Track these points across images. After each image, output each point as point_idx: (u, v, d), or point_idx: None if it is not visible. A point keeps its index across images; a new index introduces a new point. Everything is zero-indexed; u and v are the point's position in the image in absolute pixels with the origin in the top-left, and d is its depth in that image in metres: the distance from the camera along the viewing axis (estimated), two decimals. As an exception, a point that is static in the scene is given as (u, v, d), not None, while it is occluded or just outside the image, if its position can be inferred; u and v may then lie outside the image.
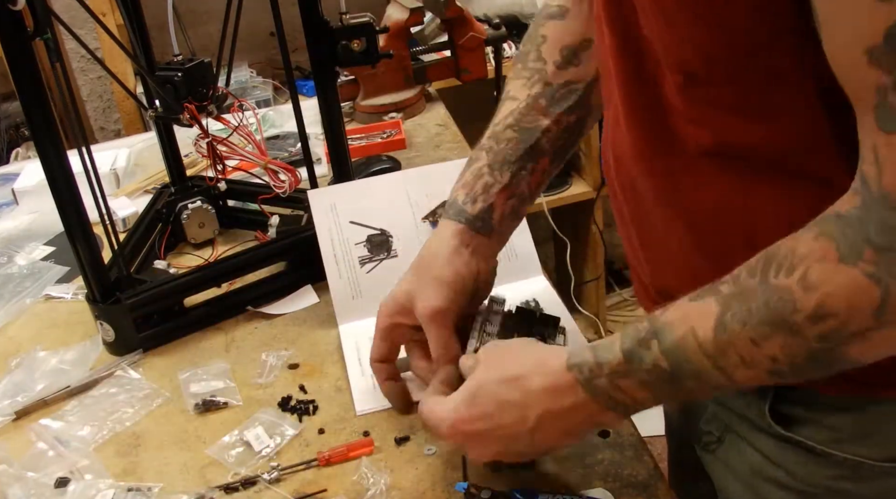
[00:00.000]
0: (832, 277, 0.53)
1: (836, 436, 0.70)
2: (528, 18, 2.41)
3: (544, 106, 0.86)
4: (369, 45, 1.12)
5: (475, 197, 0.85)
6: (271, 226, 1.21)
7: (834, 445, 0.70)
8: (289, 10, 1.04)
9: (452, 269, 0.82)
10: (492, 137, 0.87)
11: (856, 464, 0.69)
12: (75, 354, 1.06)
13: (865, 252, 0.51)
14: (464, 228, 0.84)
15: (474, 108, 1.92)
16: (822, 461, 0.71)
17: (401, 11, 1.63)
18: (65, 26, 0.97)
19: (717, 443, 0.82)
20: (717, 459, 0.82)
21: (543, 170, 0.87)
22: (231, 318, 1.11)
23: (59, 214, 0.99)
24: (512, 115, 0.87)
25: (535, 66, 0.87)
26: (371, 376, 0.93)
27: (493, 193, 0.85)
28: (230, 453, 0.88)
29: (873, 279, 0.51)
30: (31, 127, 0.94)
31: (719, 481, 0.83)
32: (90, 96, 2.56)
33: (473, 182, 0.86)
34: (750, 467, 0.77)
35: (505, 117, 0.88)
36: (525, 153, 0.86)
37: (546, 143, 0.86)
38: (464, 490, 0.77)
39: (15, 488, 0.87)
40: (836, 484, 0.71)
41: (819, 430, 0.71)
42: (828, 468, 0.71)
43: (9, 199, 1.52)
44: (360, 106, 1.67)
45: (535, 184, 0.87)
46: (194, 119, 1.07)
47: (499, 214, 0.85)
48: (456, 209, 0.85)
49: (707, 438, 0.83)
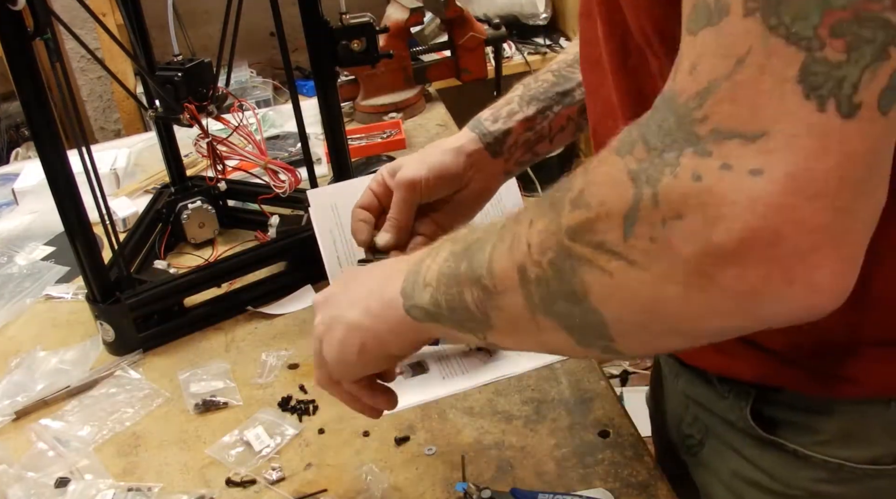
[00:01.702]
0: (600, 166, 0.48)
1: (816, 438, 0.69)
2: (528, 18, 2.42)
3: None
4: (369, 45, 1.12)
5: (496, 117, 0.89)
6: (271, 226, 1.21)
7: (815, 447, 0.69)
8: (289, 10, 1.04)
9: (441, 158, 0.86)
10: (533, 76, 0.92)
11: (836, 466, 0.69)
12: (75, 354, 1.06)
13: (637, 148, 0.45)
14: (475, 137, 0.88)
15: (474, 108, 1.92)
16: (802, 464, 0.70)
17: (401, 11, 1.63)
18: (65, 26, 0.97)
19: (699, 446, 0.82)
20: (700, 462, 0.82)
21: (569, 116, 0.89)
22: (231, 318, 1.11)
23: (59, 214, 0.99)
24: (556, 64, 0.91)
25: None
26: None
27: (514, 119, 0.88)
28: (230, 453, 0.89)
29: (631, 177, 0.44)
30: (31, 127, 0.94)
31: (702, 485, 0.83)
32: (90, 96, 2.56)
33: (501, 106, 0.90)
34: (731, 469, 0.77)
35: (550, 65, 0.92)
36: (555, 95, 0.89)
37: (578, 93, 0.89)
38: (464, 490, 0.77)
39: (15, 488, 0.87)
40: (817, 487, 0.71)
41: (800, 432, 0.70)
42: (809, 471, 0.70)
43: (9, 199, 1.52)
44: (360, 106, 1.67)
45: (557, 127, 0.90)
46: (194, 119, 1.07)
47: (512, 139, 0.88)
48: (476, 123, 0.90)
49: (689, 441, 0.83)
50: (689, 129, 0.42)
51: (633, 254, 0.45)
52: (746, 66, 0.40)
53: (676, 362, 0.81)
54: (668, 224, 0.42)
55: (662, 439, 0.95)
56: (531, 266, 0.51)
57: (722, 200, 0.40)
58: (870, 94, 0.39)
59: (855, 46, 0.39)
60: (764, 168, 0.40)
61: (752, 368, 0.70)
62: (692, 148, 0.42)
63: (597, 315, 0.49)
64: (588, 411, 0.88)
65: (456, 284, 0.58)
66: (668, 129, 0.43)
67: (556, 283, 0.50)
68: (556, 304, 0.51)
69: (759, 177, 0.40)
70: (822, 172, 0.39)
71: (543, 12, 2.40)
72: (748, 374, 0.71)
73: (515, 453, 0.84)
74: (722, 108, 0.41)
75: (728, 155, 0.40)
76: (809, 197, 0.39)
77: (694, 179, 0.41)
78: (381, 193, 0.89)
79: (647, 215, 0.43)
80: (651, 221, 0.43)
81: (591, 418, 0.87)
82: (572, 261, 0.48)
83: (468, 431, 0.87)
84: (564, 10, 2.41)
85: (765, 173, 0.40)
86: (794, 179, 0.39)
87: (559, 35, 2.42)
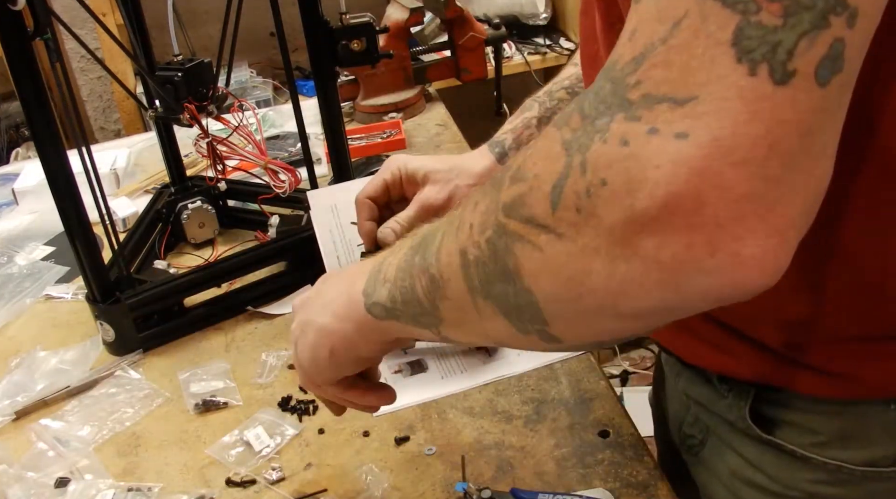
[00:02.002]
0: (539, 140, 0.46)
1: (815, 439, 0.69)
2: (528, 18, 2.41)
3: None
4: (369, 45, 1.12)
5: (519, 143, 0.89)
6: (271, 226, 1.21)
7: (813, 448, 0.69)
8: (289, 10, 1.04)
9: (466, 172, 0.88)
10: (546, 93, 0.92)
11: (835, 468, 0.69)
12: (75, 354, 1.06)
13: (573, 118, 0.44)
14: (498, 163, 0.90)
15: (474, 108, 1.92)
16: (801, 465, 0.70)
17: (401, 11, 1.63)
18: (65, 26, 0.97)
19: (699, 446, 0.82)
20: (700, 462, 0.82)
21: None
22: (231, 318, 1.11)
23: (59, 214, 0.99)
24: (569, 79, 0.91)
25: None
26: (384, 377, 0.94)
27: None
28: (230, 453, 0.89)
29: (564, 147, 0.43)
30: (31, 127, 0.94)
31: (703, 485, 0.83)
32: (90, 96, 2.56)
33: (521, 130, 0.90)
34: (730, 470, 0.77)
35: (563, 79, 0.92)
36: None
37: None
38: (464, 490, 0.77)
39: (15, 488, 0.87)
40: (815, 488, 0.71)
41: (799, 433, 0.70)
42: (807, 472, 0.70)
43: (9, 199, 1.52)
44: (360, 106, 1.67)
45: None
46: (194, 119, 1.07)
47: None
48: (501, 150, 0.90)
49: (690, 441, 0.83)
50: (623, 94, 0.41)
51: (560, 226, 0.43)
52: (682, 29, 0.39)
53: (677, 362, 0.81)
54: (592, 192, 0.41)
55: (664, 439, 0.95)
56: (471, 247, 0.49)
57: (646, 163, 0.39)
58: (806, 62, 0.38)
59: (792, 12, 0.37)
60: (690, 132, 0.38)
61: (752, 367, 0.70)
62: (623, 113, 0.40)
63: (529, 295, 0.47)
64: (588, 411, 0.88)
65: (409, 276, 0.56)
66: (603, 96, 0.42)
67: (492, 263, 0.48)
68: (493, 286, 0.49)
69: (685, 140, 0.38)
70: (749, 137, 0.38)
71: (543, 12, 2.40)
72: (748, 373, 0.71)
73: (515, 453, 0.84)
74: (655, 73, 0.40)
75: (656, 119, 0.39)
76: (735, 163, 0.38)
77: (621, 144, 0.40)
78: (393, 188, 0.90)
79: (573, 184, 0.42)
80: (577, 189, 0.41)
81: (591, 418, 0.87)
82: (506, 238, 0.46)
83: (468, 431, 0.87)
84: (564, 10, 2.41)
85: (690, 137, 0.38)
86: (720, 144, 0.38)
87: (559, 35, 2.42)
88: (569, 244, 0.43)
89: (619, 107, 0.41)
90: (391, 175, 0.89)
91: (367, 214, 0.91)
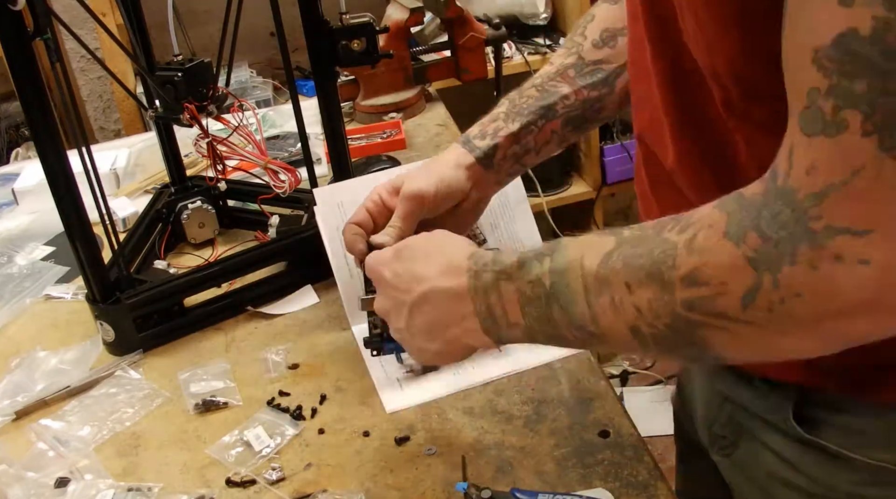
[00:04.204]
0: (714, 248, 0.54)
1: (861, 440, 0.69)
2: (528, 18, 2.41)
3: (571, 76, 0.92)
4: (369, 45, 1.12)
5: (485, 134, 0.93)
6: (271, 226, 1.21)
7: (858, 449, 0.69)
8: (289, 10, 1.04)
9: (448, 174, 0.91)
10: (518, 91, 0.95)
11: (879, 469, 0.68)
12: (75, 354, 1.06)
13: (750, 236, 0.52)
14: (466, 152, 0.93)
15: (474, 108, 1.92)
16: (843, 466, 0.70)
17: (401, 11, 1.63)
18: (65, 26, 0.97)
19: (731, 447, 0.81)
20: (733, 463, 0.82)
21: (552, 130, 0.93)
22: (231, 318, 1.11)
23: (59, 214, 0.99)
24: (540, 77, 0.95)
25: (576, 41, 0.95)
26: (396, 377, 0.95)
27: (500, 135, 0.92)
28: (230, 453, 0.89)
29: (751, 264, 0.52)
30: (31, 127, 0.94)
31: (735, 486, 0.83)
32: (90, 96, 2.56)
33: (488, 123, 0.94)
34: (767, 470, 0.76)
35: (535, 78, 0.95)
36: (539, 109, 0.92)
37: (560, 107, 0.92)
38: (464, 490, 0.77)
39: (15, 488, 0.87)
40: (858, 489, 0.70)
41: (843, 434, 0.70)
42: (850, 473, 0.70)
43: (9, 199, 1.52)
44: (360, 106, 1.67)
45: (542, 140, 0.93)
46: (194, 119, 1.08)
47: (501, 154, 0.93)
48: (465, 138, 0.95)
49: (722, 442, 0.82)
50: (806, 225, 0.50)
51: (751, 318, 0.53)
52: (861, 177, 0.48)
53: None
54: (787, 300, 0.52)
55: (687, 439, 0.95)
56: (645, 327, 0.58)
57: (837, 284, 0.50)
58: None
59: None
60: (870, 259, 0.49)
61: (797, 370, 0.70)
62: (808, 241, 0.50)
63: (716, 357, 0.58)
64: (588, 411, 0.88)
65: (552, 327, 0.65)
66: (784, 221, 0.51)
67: (674, 338, 0.58)
68: (674, 350, 0.60)
69: (866, 266, 0.49)
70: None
71: (543, 12, 2.40)
72: (792, 376, 0.71)
73: (515, 453, 0.84)
74: (836, 210, 0.49)
75: (841, 248, 0.49)
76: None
77: (812, 269, 0.50)
78: (377, 213, 0.91)
79: (766, 294, 0.52)
80: (770, 298, 0.52)
81: (591, 418, 0.87)
82: (690, 325, 0.56)
83: (468, 431, 0.87)
84: (564, 10, 2.40)
85: (871, 263, 0.49)
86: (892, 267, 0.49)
87: (559, 35, 2.42)
88: (760, 329, 0.54)
89: (804, 235, 0.50)
90: (372, 203, 0.91)
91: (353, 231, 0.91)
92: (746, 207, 0.53)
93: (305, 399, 0.95)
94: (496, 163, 0.92)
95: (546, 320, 0.64)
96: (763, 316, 0.53)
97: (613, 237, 0.61)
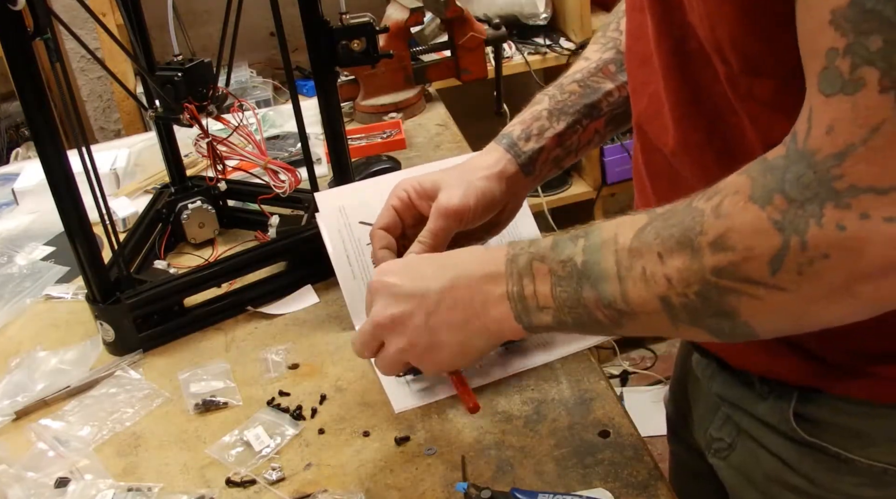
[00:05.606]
0: (740, 212, 0.54)
1: (861, 442, 0.69)
2: (528, 18, 2.41)
3: (612, 71, 0.90)
4: (369, 45, 1.12)
5: (529, 135, 0.88)
6: (271, 226, 1.21)
7: (859, 451, 0.69)
8: (289, 10, 1.04)
9: (486, 185, 0.85)
10: (557, 86, 0.91)
11: (880, 471, 0.68)
12: (75, 354, 1.06)
13: (776, 198, 0.52)
14: (510, 158, 0.88)
15: (474, 108, 1.92)
16: (844, 467, 0.70)
17: (401, 11, 1.63)
18: (65, 26, 0.97)
19: (728, 449, 0.81)
20: (731, 465, 0.81)
21: (596, 130, 0.90)
22: (231, 318, 1.11)
23: (59, 214, 0.99)
24: (580, 72, 0.91)
25: (613, 36, 0.92)
26: (404, 378, 0.94)
27: (546, 136, 0.88)
28: (230, 453, 0.89)
29: (777, 226, 0.52)
30: (31, 127, 0.94)
31: (733, 488, 0.82)
32: (90, 96, 2.56)
33: (531, 122, 0.89)
34: (766, 473, 0.76)
35: (573, 73, 0.91)
36: (584, 108, 0.89)
37: (605, 105, 0.89)
38: (464, 490, 0.77)
39: (15, 488, 0.87)
40: (858, 491, 0.70)
41: (844, 435, 0.70)
42: (850, 475, 0.70)
43: (9, 199, 1.52)
44: (360, 106, 1.67)
45: (585, 141, 0.90)
46: (194, 119, 1.08)
47: (544, 157, 0.89)
48: (510, 141, 0.89)
49: (718, 444, 0.82)
50: (829, 185, 0.50)
51: (781, 283, 0.53)
52: (880, 134, 0.48)
53: (713, 364, 0.80)
54: (816, 262, 0.51)
55: (683, 441, 0.94)
56: (675, 297, 0.59)
57: (864, 243, 0.50)
58: None
59: None
60: None
61: (797, 369, 0.69)
62: (833, 201, 0.50)
63: (747, 327, 0.58)
64: (588, 411, 0.88)
65: (582, 307, 0.65)
66: (808, 183, 0.51)
67: (704, 307, 0.58)
68: (704, 321, 0.59)
69: (892, 224, 0.49)
70: None
71: (543, 12, 2.39)
72: (792, 375, 0.71)
73: (515, 453, 0.84)
74: (858, 168, 0.49)
75: (866, 207, 0.49)
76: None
77: (839, 229, 0.50)
78: (405, 213, 0.87)
79: (795, 257, 0.52)
80: (799, 260, 0.52)
81: (591, 418, 0.87)
82: (719, 291, 0.56)
83: (468, 431, 0.87)
84: (564, 10, 2.40)
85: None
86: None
87: (559, 35, 2.42)
88: (790, 294, 0.54)
89: (828, 196, 0.50)
90: (399, 200, 0.87)
91: (382, 243, 0.88)
92: (770, 170, 0.53)
93: (305, 399, 0.95)
94: (538, 167, 0.88)
95: (576, 301, 0.64)
96: (792, 280, 0.53)
97: (646, 215, 0.61)
